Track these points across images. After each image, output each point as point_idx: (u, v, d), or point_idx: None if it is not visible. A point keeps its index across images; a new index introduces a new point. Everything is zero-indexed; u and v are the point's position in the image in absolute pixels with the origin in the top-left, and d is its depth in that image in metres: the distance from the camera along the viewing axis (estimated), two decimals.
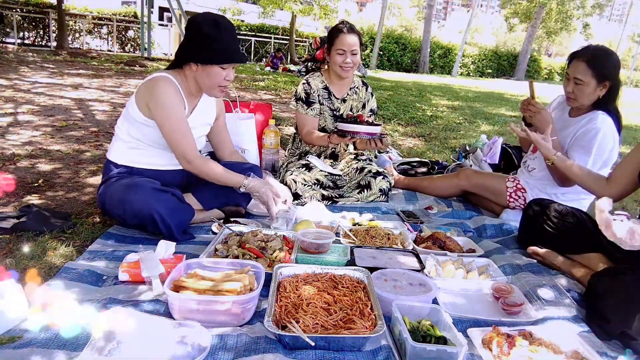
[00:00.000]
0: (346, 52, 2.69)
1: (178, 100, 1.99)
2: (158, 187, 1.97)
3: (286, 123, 5.17)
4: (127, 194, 1.90)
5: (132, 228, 2.07)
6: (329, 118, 2.89)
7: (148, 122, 2.00)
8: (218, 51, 1.94)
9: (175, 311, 1.39)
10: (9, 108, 4.76)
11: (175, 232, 1.96)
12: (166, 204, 1.93)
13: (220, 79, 1.99)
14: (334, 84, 2.88)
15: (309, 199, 2.59)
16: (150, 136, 2.04)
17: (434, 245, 2.04)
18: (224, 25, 1.96)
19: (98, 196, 2.08)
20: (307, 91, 2.83)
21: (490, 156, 3.28)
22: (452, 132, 5.62)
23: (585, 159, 2.27)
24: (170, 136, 1.98)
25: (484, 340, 1.35)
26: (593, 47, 2.26)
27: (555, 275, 1.88)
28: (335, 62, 2.73)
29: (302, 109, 2.84)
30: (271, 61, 14.44)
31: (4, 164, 2.95)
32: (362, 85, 2.99)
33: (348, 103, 2.92)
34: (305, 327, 1.30)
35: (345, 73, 2.76)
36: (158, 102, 1.94)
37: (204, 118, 2.22)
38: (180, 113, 1.99)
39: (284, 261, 1.73)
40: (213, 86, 2.02)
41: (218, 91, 2.05)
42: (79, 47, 16.97)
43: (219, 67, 1.96)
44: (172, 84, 1.98)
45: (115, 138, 2.13)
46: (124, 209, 1.91)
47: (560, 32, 28.51)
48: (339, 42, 2.68)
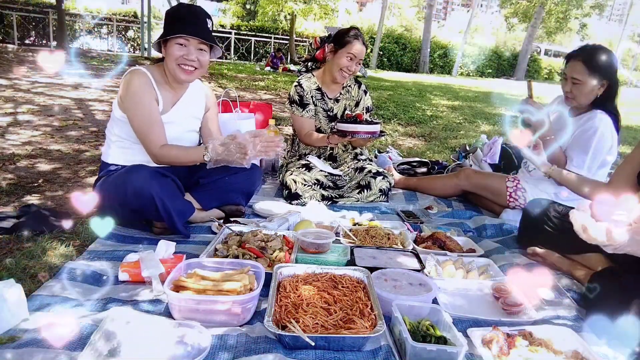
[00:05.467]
0: (354, 60, 2.70)
1: (147, 93, 1.97)
2: (158, 171, 1.97)
3: (286, 123, 5.17)
4: (127, 176, 1.89)
5: (130, 222, 2.06)
6: (323, 119, 2.88)
7: (124, 117, 2.01)
8: (171, 25, 1.95)
9: (175, 311, 1.39)
10: (9, 108, 4.77)
11: (176, 219, 1.94)
12: (166, 187, 1.93)
13: (176, 55, 1.95)
14: (326, 84, 2.87)
15: (308, 199, 2.59)
16: (131, 133, 2.04)
17: (434, 245, 2.04)
18: (185, 5, 1.98)
19: (94, 193, 2.06)
20: (300, 93, 2.82)
21: (490, 156, 3.28)
22: (452, 132, 5.62)
23: (583, 157, 2.27)
24: (138, 130, 1.98)
25: (484, 340, 1.35)
26: (590, 47, 2.27)
27: (555, 275, 1.88)
28: (339, 64, 2.71)
29: (297, 112, 2.83)
30: (271, 61, 14.44)
31: (4, 164, 2.95)
32: (355, 84, 2.98)
33: (341, 103, 2.92)
34: (305, 327, 1.30)
35: (342, 78, 2.76)
36: (128, 93, 1.95)
37: (191, 111, 2.20)
38: (149, 106, 1.98)
39: (284, 261, 1.73)
40: (173, 65, 1.98)
41: (180, 71, 1.99)
42: (79, 47, 16.96)
43: (174, 42, 1.95)
44: (143, 76, 1.98)
45: (107, 140, 2.15)
46: (125, 191, 1.87)
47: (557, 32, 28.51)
48: (352, 47, 2.68)
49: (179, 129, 2.14)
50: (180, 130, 2.16)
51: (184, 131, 2.18)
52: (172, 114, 2.10)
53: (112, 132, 2.10)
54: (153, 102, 2.00)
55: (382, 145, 4.49)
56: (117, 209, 1.99)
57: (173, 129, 2.10)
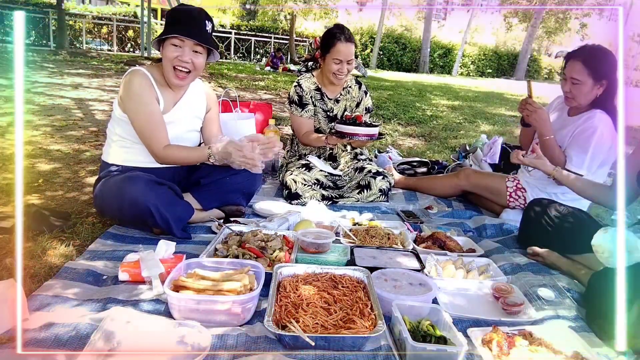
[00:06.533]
0: (343, 62, 2.67)
1: (148, 93, 1.98)
2: (155, 179, 1.97)
3: (286, 123, 5.17)
4: (124, 186, 1.89)
5: (131, 224, 2.07)
6: (323, 119, 2.88)
7: (125, 117, 2.01)
8: (169, 25, 1.97)
9: (175, 311, 1.39)
10: (9, 107, 4.76)
11: (174, 226, 1.95)
12: (163, 196, 1.93)
13: (171, 57, 1.95)
14: (326, 85, 2.87)
15: (308, 199, 2.59)
16: (133, 133, 2.04)
17: (434, 245, 2.04)
18: (182, 7, 2.00)
19: (94, 196, 2.08)
20: (299, 93, 2.82)
21: (490, 156, 3.28)
22: (452, 132, 5.62)
23: (582, 157, 2.27)
24: (140, 130, 1.99)
25: (484, 340, 1.35)
26: (589, 47, 2.27)
27: (555, 275, 1.88)
28: (330, 70, 2.70)
29: (296, 112, 2.83)
30: (271, 61, 14.44)
31: (3, 164, 2.95)
32: (355, 84, 2.97)
33: (342, 103, 2.91)
34: (305, 327, 1.30)
35: (338, 81, 2.75)
36: (128, 94, 1.96)
37: (192, 111, 2.20)
38: (151, 106, 1.98)
39: (284, 261, 1.73)
40: (168, 67, 1.98)
41: (172, 75, 1.99)
42: (78, 47, 16.96)
43: (169, 44, 1.95)
44: (143, 76, 1.98)
45: (108, 139, 2.15)
46: (122, 201, 1.89)
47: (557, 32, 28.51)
48: (336, 52, 2.64)
49: (180, 129, 2.14)
50: (182, 130, 2.16)
51: (185, 131, 2.18)
52: (173, 114, 2.10)
53: (113, 132, 2.10)
54: (154, 102, 2.00)
55: (382, 145, 4.49)
56: (116, 214, 2.03)
57: (174, 128, 2.10)
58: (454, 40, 26.51)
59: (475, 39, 30.32)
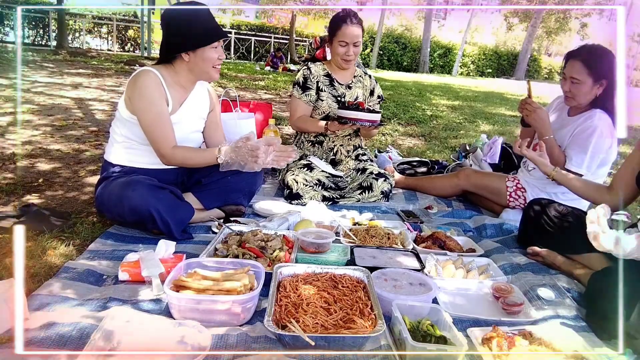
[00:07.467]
0: (349, 45, 2.67)
1: (158, 94, 1.98)
2: (156, 184, 1.97)
3: (286, 123, 5.16)
4: (125, 191, 1.89)
5: (131, 226, 2.07)
6: (334, 105, 2.83)
7: (133, 118, 2.01)
8: (203, 33, 1.97)
9: (175, 311, 1.39)
10: (9, 107, 4.76)
11: (174, 230, 1.95)
12: (164, 201, 1.93)
13: (214, 58, 2.02)
14: (336, 72, 2.87)
15: (309, 199, 2.58)
16: (139, 134, 2.03)
17: (434, 244, 2.04)
18: (197, 9, 2.00)
19: (95, 196, 2.08)
20: (305, 76, 2.81)
21: (490, 156, 3.28)
22: (452, 132, 5.62)
23: (582, 157, 2.27)
24: (148, 130, 1.98)
25: (484, 340, 1.35)
26: (589, 47, 2.27)
27: (555, 275, 1.88)
28: (337, 53, 2.71)
29: (297, 93, 2.82)
30: (271, 60, 14.43)
31: (3, 164, 2.95)
32: (365, 74, 2.98)
33: (354, 90, 2.90)
34: (305, 327, 1.30)
35: (346, 64, 2.76)
36: (138, 94, 1.96)
37: (197, 112, 2.20)
38: (160, 107, 1.98)
39: (284, 261, 1.73)
40: (208, 68, 2.04)
41: (214, 72, 2.07)
42: (78, 46, 16.95)
43: (209, 47, 1.99)
44: (153, 77, 1.98)
45: (111, 139, 2.14)
46: (123, 206, 1.90)
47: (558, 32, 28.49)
48: (342, 34, 2.65)
49: (185, 130, 2.14)
50: (187, 131, 2.16)
51: (189, 132, 2.18)
52: (180, 114, 2.10)
53: (118, 132, 2.08)
54: (164, 102, 2.01)
55: (382, 145, 4.49)
56: (116, 218, 2.03)
57: (180, 129, 2.10)
58: (454, 40, 26.50)
59: (475, 38, 30.30)
